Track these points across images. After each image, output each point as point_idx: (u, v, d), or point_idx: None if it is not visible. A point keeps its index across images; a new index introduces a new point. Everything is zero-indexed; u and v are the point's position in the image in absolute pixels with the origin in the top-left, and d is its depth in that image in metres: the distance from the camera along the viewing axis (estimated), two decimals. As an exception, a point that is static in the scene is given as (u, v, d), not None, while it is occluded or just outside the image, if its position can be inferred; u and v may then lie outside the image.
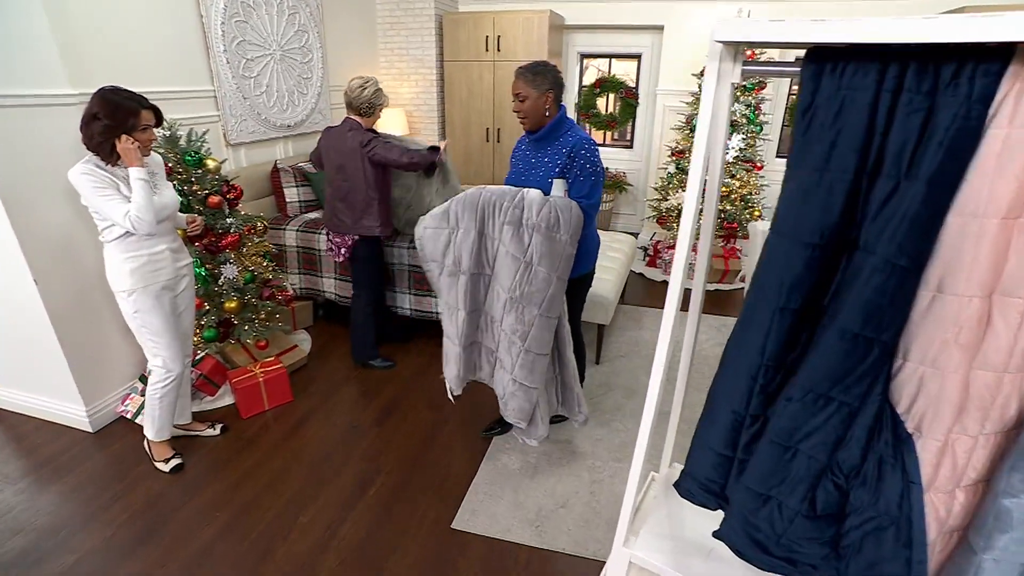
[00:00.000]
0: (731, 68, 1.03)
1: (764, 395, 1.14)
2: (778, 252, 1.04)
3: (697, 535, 1.48)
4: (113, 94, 1.67)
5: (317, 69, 3.71)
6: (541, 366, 1.91)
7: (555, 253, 1.80)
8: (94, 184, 1.68)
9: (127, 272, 1.82)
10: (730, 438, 1.23)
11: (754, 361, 1.12)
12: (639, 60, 5.11)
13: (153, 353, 1.98)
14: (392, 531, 1.86)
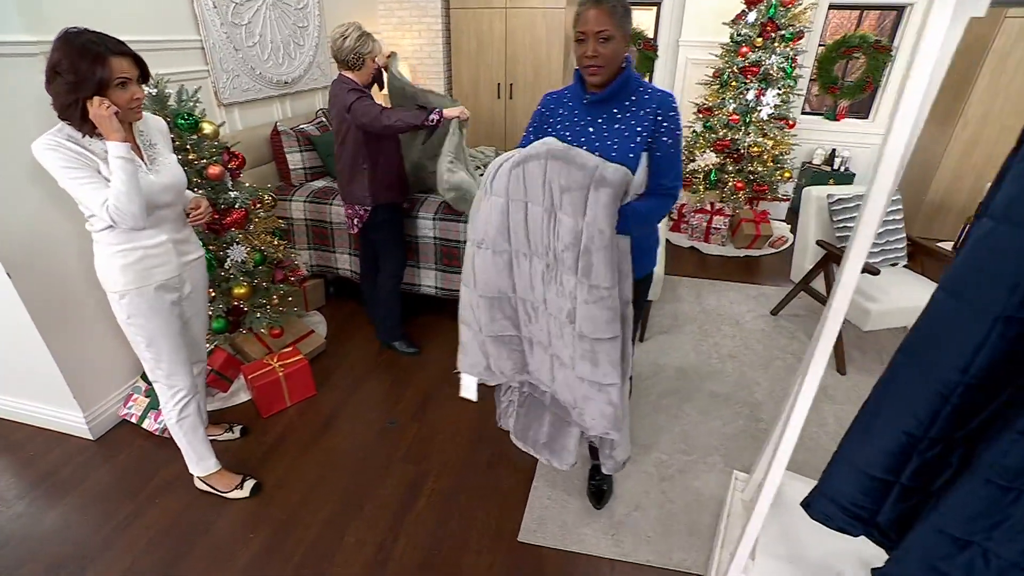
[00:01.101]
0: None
1: (956, 418, 0.93)
2: (1011, 243, 0.80)
3: (819, 556, 1.31)
4: (75, 37, 1.23)
5: (313, 17, 3.27)
6: (608, 355, 1.41)
7: (576, 185, 1.28)
8: (63, 163, 1.29)
9: (118, 269, 1.45)
10: (894, 462, 1.03)
11: (950, 378, 0.90)
12: (658, 8, 4.70)
13: (150, 368, 1.60)
14: (452, 548, 1.67)
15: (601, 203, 1.25)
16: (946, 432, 0.94)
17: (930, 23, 0.78)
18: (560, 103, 1.47)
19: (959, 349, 0.86)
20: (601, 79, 1.33)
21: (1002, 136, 3.71)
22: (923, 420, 0.94)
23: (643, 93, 1.36)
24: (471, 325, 1.66)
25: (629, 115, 1.36)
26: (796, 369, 2.57)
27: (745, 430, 2.17)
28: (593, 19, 1.27)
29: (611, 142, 1.36)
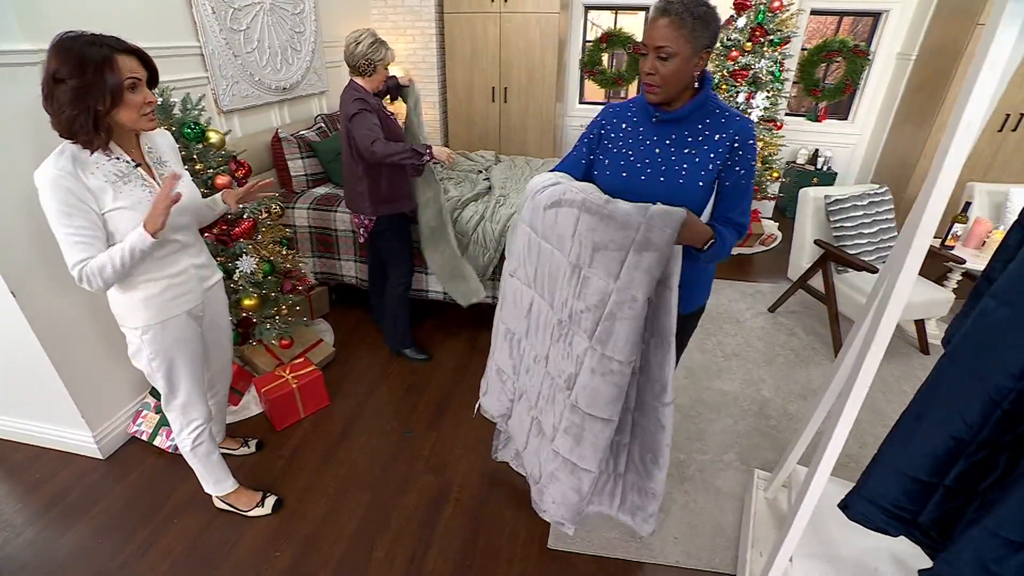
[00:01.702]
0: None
1: (1006, 422, 0.98)
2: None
3: (853, 553, 1.36)
4: (73, 40, 1.12)
5: (310, 22, 3.22)
6: (595, 437, 1.27)
7: (614, 245, 1.15)
8: (59, 206, 1.15)
9: (139, 304, 1.34)
10: (939, 465, 1.07)
11: (1003, 384, 0.95)
12: (647, 13, 4.76)
13: (165, 399, 1.51)
14: (484, 558, 1.68)
15: (642, 268, 1.12)
16: (995, 436, 0.99)
17: (999, 33, 0.82)
18: (623, 117, 1.33)
19: (1015, 355, 0.91)
20: (659, 99, 1.20)
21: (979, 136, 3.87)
22: (972, 424, 0.99)
23: (720, 116, 1.22)
24: (492, 348, 1.65)
25: (703, 139, 1.22)
26: (797, 365, 2.65)
27: (756, 427, 2.23)
28: (655, 31, 1.13)
29: (679, 167, 1.23)
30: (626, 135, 1.31)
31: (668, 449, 1.35)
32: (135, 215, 1.24)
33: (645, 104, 1.26)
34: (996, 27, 0.83)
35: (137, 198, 1.26)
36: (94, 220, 1.21)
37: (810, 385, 2.49)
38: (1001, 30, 0.83)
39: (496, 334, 1.64)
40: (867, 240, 2.62)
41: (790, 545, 1.26)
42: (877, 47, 4.36)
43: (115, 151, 1.25)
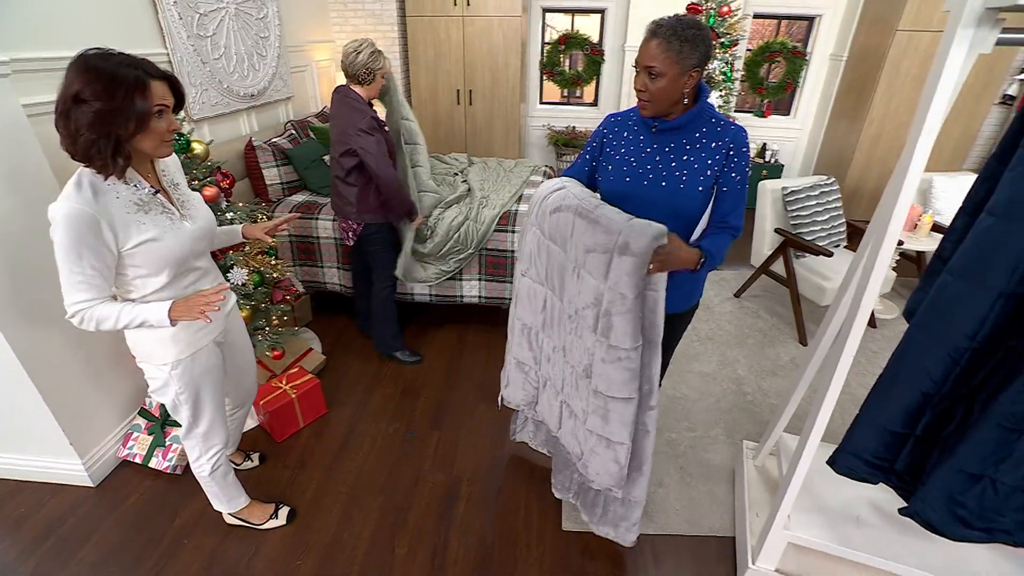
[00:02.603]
0: (986, 36, 0.95)
1: (963, 377, 1.15)
2: (1008, 236, 1.02)
3: (839, 503, 1.53)
4: (103, 60, 1.04)
5: (274, 27, 3.16)
6: (620, 415, 1.38)
7: (600, 247, 1.24)
8: (73, 240, 1.08)
9: (168, 340, 1.29)
10: (911, 418, 1.24)
11: (961, 345, 1.12)
12: (603, 15, 4.94)
13: (186, 428, 1.46)
14: (503, 545, 1.75)
15: (624, 269, 1.22)
16: (955, 389, 1.16)
17: (950, 56, 0.96)
18: (624, 126, 1.41)
19: (968, 320, 1.08)
20: (649, 113, 1.29)
21: (899, 132, 4.28)
22: (937, 380, 1.16)
23: (715, 126, 1.30)
24: (509, 343, 1.72)
25: (699, 147, 1.30)
26: (766, 344, 2.87)
27: (736, 403, 2.41)
28: (646, 51, 1.22)
29: (679, 174, 1.31)
30: (627, 142, 1.39)
31: (651, 455, 1.44)
32: (160, 245, 1.20)
33: (652, 119, 1.34)
34: (948, 48, 0.98)
35: (163, 228, 1.21)
36: (106, 261, 1.14)
37: (779, 362, 2.72)
38: (953, 50, 0.98)
39: (512, 330, 1.71)
40: (820, 227, 2.88)
41: (788, 502, 1.41)
42: (813, 48, 4.72)
43: (133, 178, 1.18)
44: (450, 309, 3.09)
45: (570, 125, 5.25)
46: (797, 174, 5.18)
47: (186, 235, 1.25)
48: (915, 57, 3.95)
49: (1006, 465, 1.11)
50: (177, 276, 1.26)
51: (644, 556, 1.72)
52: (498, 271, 2.76)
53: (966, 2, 0.93)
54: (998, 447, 1.10)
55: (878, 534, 1.45)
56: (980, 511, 1.16)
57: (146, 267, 1.20)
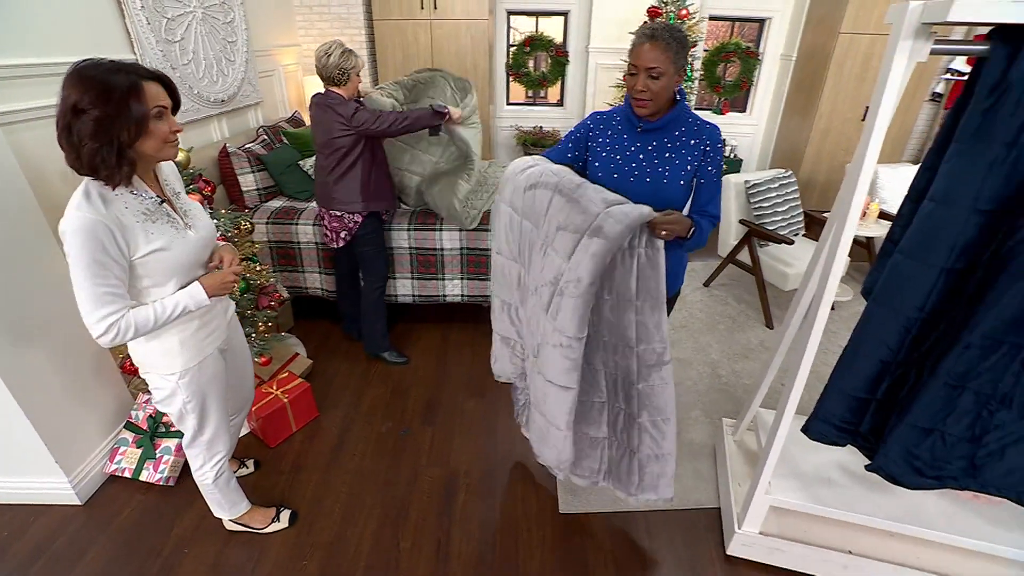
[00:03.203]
0: (922, 47, 1.09)
1: (914, 344, 1.30)
2: (947, 219, 1.17)
3: (811, 468, 1.68)
4: (93, 69, 1.05)
5: (241, 31, 3.11)
6: (558, 400, 1.39)
7: (572, 227, 1.24)
8: (93, 253, 1.07)
9: (176, 348, 1.30)
10: (871, 384, 1.39)
11: (912, 316, 1.27)
12: (566, 17, 5.07)
13: (191, 436, 1.48)
14: (505, 532, 1.82)
15: (590, 252, 1.21)
16: (908, 356, 1.31)
17: (894, 65, 1.10)
18: (608, 124, 1.49)
19: (917, 293, 1.23)
20: (649, 112, 1.38)
21: (845, 126, 4.56)
22: (893, 348, 1.31)
23: (692, 125, 1.42)
24: (492, 320, 1.76)
25: (680, 144, 1.41)
26: (735, 329, 3.05)
27: (712, 386, 2.56)
28: (646, 54, 1.30)
29: (663, 170, 1.42)
30: (612, 140, 1.49)
31: (675, 404, 1.47)
32: (170, 255, 1.20)
33: (628, 115, 1.45)
34: (892, 57, 1.12)
35: (170, 237, 1.20)
36: (124, 270, 1.14)
37: (748, 345, 2.89)
38: (896, 58, 1.12)
39: (493, 307, 1.75)
40: (781, 217, 3.07)
41: (769, 469, 1.54)
42: (765, 49, 4.99)
43: (139, 187, 1.18)
44: (433, 309, 3.13)
45: (537, 125, 5.35)
46: (755, 168, 5.45)
47: (192, 244, 1.26)
48: (856, 57, 4.23)
49: (951, 418, 1.26)
50: (183, 283, 1.27)
51: (639, 531, 1.82)
52: (479, 269, 2.82)
53: (905, 18, 1.06)
54: (945, 403, 1.25)
55: (847, 492, 1.60)
56: (932, 461, 1.31)
57: (155, 276, 1.21)
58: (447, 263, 2.79)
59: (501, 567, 1.70)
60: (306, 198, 2.97)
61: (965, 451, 1.30)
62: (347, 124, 2.16)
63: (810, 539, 1.64)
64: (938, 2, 1.01)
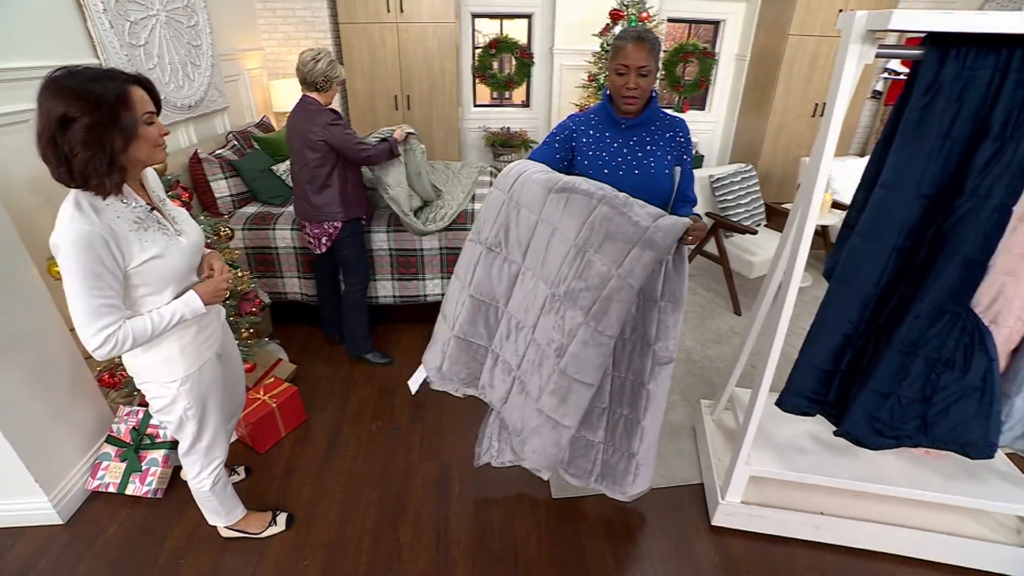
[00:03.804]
0: (868, 51, 1.21)
1: (872, 318, 1.44)
2: (896, 203, 1.30)
3: (783, 439, 1.81)
4: (71, 78, 1.02)
5: (205, 35, 3.06)
6: (579, 398, 1.43)
7: (624, 237, 1.31)
8: (89, 265, 1.06)
9: (177, 355, 1.30)
10: (836, 356, 1.52)
11: (869, 292, 1.40)
12: (530, 20, 5.16)
13: (189, 444, 1.46)
14: (501, 519, 1.88)
15: (642, 262, 1.28)
16: (867, 329, 1.44)
17: (846, 66, 1.22)
18: (588, 124, 1.58)
19: (873, 271, 1.36)
20: (636, 107, 1.50)
21: (797, 122, 4.83)
22: (853, 322, 1.43)
23: (665, 119, 1.56)
24: (448, 319, 1.70)
25: (658, 137, 1.54)
26: (706, 317, 3.19)
27: (688, 370, 2.69)
28: (636, 55, 1.41)
29: (649, 161, 1.53)
30: (595, 139, 1.57)
31: None
32: (166, 263, 1.20)
33: (606, 114, 1.56)
34: (843, 60, 1.24)
35: (163, 244, 1.19)
36: (120, 280, 1.13)
37: (719, 331, 3.04)
38: (847, 61, 1.24)
39: (459, 306, 1.66)
40: (744, 209, 3.25)
41: (748, 442, 1.66)
42: (720, 49, 5.22)
43: (129, 196, 1.17)
44: (414, 309, 3.15)
45: (505, 126, 5.42)
46: (716, 163, 5.68)
47: (184, 250, 1.26)
48: (805, 58, 4.49)
49: (906, 382, 1.40)
50: (179, 291, 1.27)
51: (628, 509, 1.91)
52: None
53: (853, 25, 1.18)
54: (899, 369, 1.39)
55: (818, 459, 1.73)
56: (891, 422, 1.45)
57: (151, 285, 1.20)
58: (427, 263, 2.82)
59: (500, 551, 1.76)
60: (281, 203, 2.94)
61: (918, 411, 1.44)
62: (319, 132, 2.16)
63: (786, 504, 1.77)
64: (881, 12, 1.14)
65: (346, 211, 2.34)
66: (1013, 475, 1.69)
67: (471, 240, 1.61)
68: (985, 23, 1.08)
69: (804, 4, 4.25)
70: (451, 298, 1.67)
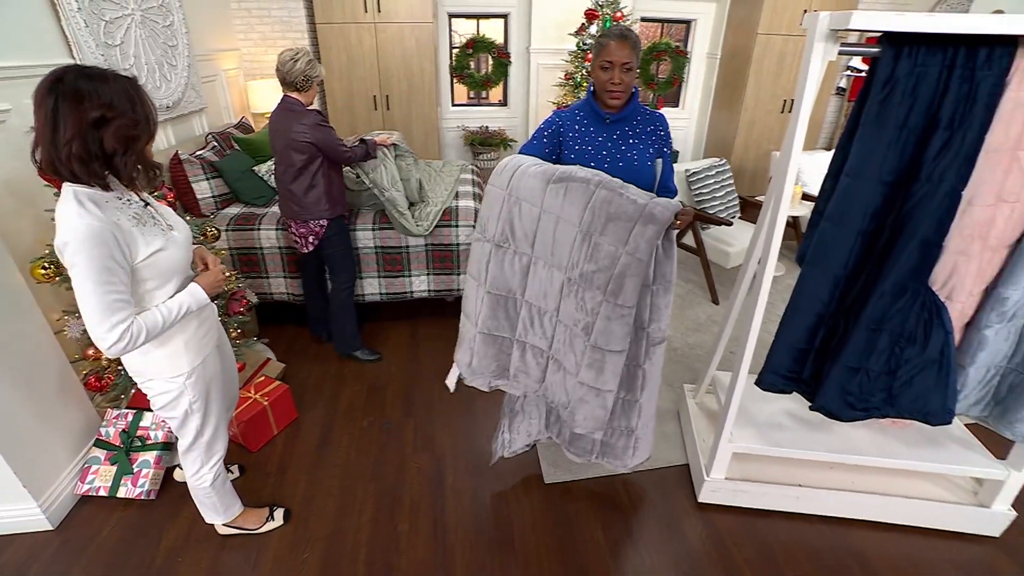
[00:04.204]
0: (831, 48, 1.30)
1: (841, 298, 1.54)
2: (859, 190, 1.40)
3: (763, 417, 1.91)
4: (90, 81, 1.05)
5: (181, 35, 3.02)
6: (614, 365, 1.52)
7: (625, 216, 1.38)
8: (101, 259, 1.07)
9: (180, 349, 1.32)
10: (810, 335, 1.62)
11: (839, 273, 1.50)
12: (506, 20, 5.22)
13: (190, 440, 1.46)
14: (496, 504, 1.93)
15: (646, 236, 1.36)
16: (837, 308, 1.54)
17: (812, 63, 1.30)
18: (574, 119, 1.65)
19: (841, 254, 1.45)
20: (621, 101, 1.58)
21: (768, 118, 5.01)
22: (826, 302, 1.53)
23: (646, 114, 1.64)
24: (471, 318, 1.76)
25: (640, 131, 1.62)
26: (685, 307, 3.30)
27: (670, 358, 2.79)
28: (620, 52, 1.50)
29: (632, 154, 1.61)
30: (581, 133, 1.64)
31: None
32: (169, 255, 1.22)
33: (591, 110, 1.63)
34: (809, 57, 1.33)
35: (163, 238, 1.22)
36: (128, 275, 1.15)
37: (697, 320, 3.15)
38: (813, 58, 1.33)
39: (480, 304, 1.71)
40: (719, 201, 3.37)
41: (731, 420, 1.75)
42: (692, 48, 5.36)
43: (124, 193, 1.19)
44: (401, 306, 3.19)
45: (483, 125, 5.47)
46: (690, 158, 5.83)
47: (180, 244, 1.28)
48: (772, 56, 4.66)
49: (873, 357, 1.50)
50: (181, 284, 1.29)
51: (618, 491, 1.99)
52: (445, 264, 2.91)
53: (818, 25, 1.27)
54: (867, 345, 1.49)
55: (795, 434, 1.84)
56: (860, 394, 1.56)
57: (158, 278, 1.22)
58: (413, 260, 2.85)
59: (497, 536, 1.81)
60: (264, 203, 2.94)
61: (884, 384, 1.55)
62: (306, 132, 2.18)
63: (767, 478, 1.87)
64: (842, 13, 1.23)
65: (332, 209, 2.36)
66: (969, 440, 1.82)
67: (477, 239, 1.66)
68: (932, 23, 1.18)
69: (771, 5, 4.41)
70: (469, 297, 1.73)
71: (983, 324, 1.50)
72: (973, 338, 1.54)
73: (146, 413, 2.01)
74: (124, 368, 2.01)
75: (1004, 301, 1.43)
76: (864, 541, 1.81)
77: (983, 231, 1.37)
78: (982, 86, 1.23)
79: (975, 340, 1.53)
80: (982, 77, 1.23)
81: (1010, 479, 1.69)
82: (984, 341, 1.51)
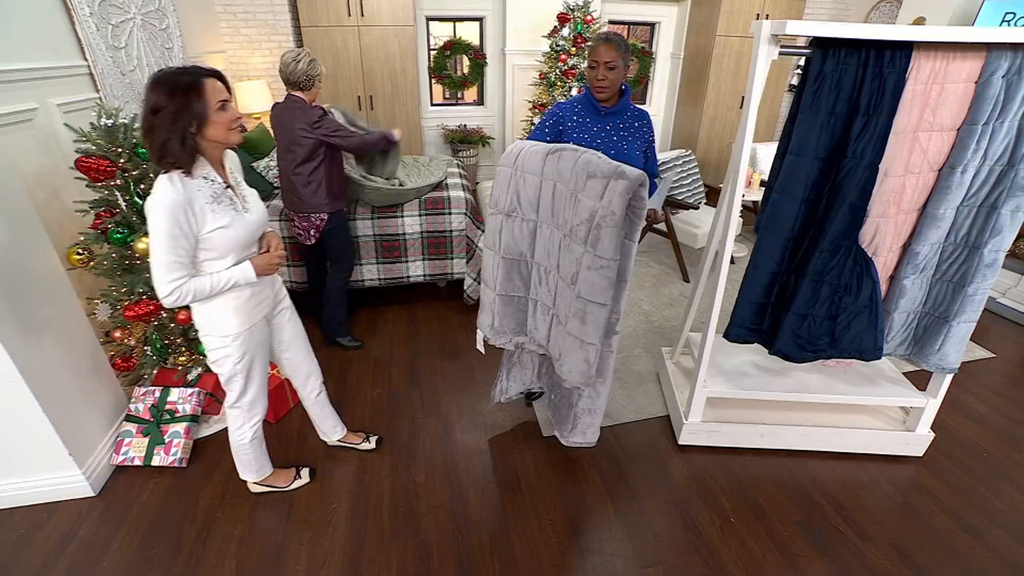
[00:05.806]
0: (773, 50, 1.60)
1: (791, 257, 1.84)
2: (801, 165, 1.70)
3: (731, 367, 2.20)
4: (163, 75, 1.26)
5: (176, 38, 3.15)
6: (595, 318, 1.65)
7: (601, 174, 1.54)
8: (170, 227, 1.29)
9: (231, 313, 1.51)
10: (767, 291, 1.91)
11: (788, 236, 1.80)
12: (482, 23, 5.45)
13: (235, 397, 1.66)
14: (502, 454, 2.17)
15: (617, 191, 1.51)
16: (788, 267, 1.84)
17: (759, 62, 1.59)
18: (573, 111, 1.90)
19: (789, 219, 1.75)
20: (606, 96, 1.83)
21: (728, 113, 5.40)
22: (778, 261, 1.83)
23: (635, 111, 1.91)
24: (489, 284, 1.98)
25: (630, 124, 1.88)
26: (659, 285, 3.60)
27: (648, 329, 3.08)
28: (603, 52, 1.76)
29: (623, 145, 1.86)
30: (579, 124, 1.89)
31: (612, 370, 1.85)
32: (228, 232, 1.40)
33: (588, 103, 1.88)
34: (757, 58, 1.62)
35: (231, 217, 1.41)
36: (192, 244, 1.36)
37: (671, 296, 3.46)
38: (760, 59, 1.62)
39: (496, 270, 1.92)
40: (686, 188, 3.69)
41: (704, 369, 2.03)
42: (657, 49, 5.71)
43: (211, 175, 1.39)
44: (396, 291, 3.39)
45: (462, 124, 5.68)
46: (658, 151, 6.19)
47: (248, 224, 1.47)
48: (731, 56, 5.05)
49: (817, 305, 1.81)
50: (239, 259, 1.48)
51: (610, 441, 2.26)
52: (439, 250, 3.13)
53: (761, 31, 1.56)
54: (812, 295, 1.79)
55: (759, 379, 2.14)
56: (809, 338, 1.86)
57: (216, 251, 1.41)
58: (409, 246, 3.06)
59: (505, 479, 2.05)
60: (264, 198, 3.08)
61: (828, 328, 1.86)
62: (309, 128, 2.36)
63: (736, 420, 2.17)
64: (780, 21, 1.52)
65: (332, 203, 2.54)
66: (897, 377, 2.16)
67: (491, 214, 1.87)
68: (848, 31, 1.48)
69: (727, 8, 4.79)
70: (487, 266, 1.92)
71: (902, 275, 1.82)
72: (895, 288, 1.86)
73: (173, 389, 2.17)
74: (149, 349, 2.17)
75: (916, 255, 1.75)
76: (819, 469, 2.13)
77: (896, 197, 1.69)
78: (888, 81, 1.54)
79: (896, 289, 1.86)
80: (888, 73, 1.54)
81: (928, 405, 2.03)
82: (903, 290, 1.84)
